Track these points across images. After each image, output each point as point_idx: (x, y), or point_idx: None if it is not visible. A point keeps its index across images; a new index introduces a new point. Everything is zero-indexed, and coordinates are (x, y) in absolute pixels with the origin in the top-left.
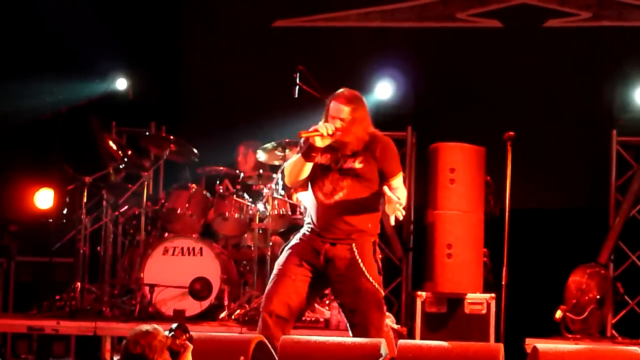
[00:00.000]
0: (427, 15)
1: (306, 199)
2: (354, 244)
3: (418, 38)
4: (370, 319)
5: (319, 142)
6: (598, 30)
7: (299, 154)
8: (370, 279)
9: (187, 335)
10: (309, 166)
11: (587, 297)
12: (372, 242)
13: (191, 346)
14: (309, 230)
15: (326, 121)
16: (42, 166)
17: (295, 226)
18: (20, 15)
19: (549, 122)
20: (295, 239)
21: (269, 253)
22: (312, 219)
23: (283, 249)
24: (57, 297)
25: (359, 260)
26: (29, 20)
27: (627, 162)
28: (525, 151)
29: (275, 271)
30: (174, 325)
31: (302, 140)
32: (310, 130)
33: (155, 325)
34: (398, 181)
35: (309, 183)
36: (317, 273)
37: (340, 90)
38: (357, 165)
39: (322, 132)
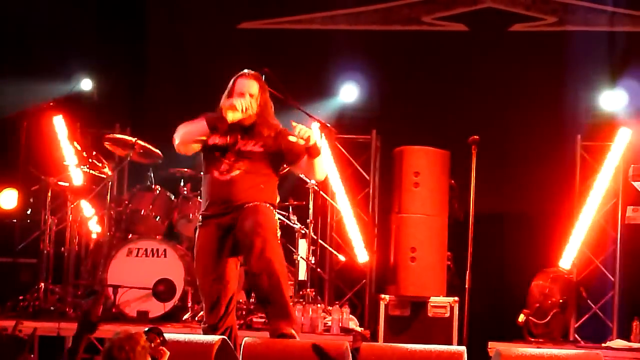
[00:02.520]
0: (392, 19)
1: None
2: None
3: (383, 41)
4: None
5: (230, 116)
6: (564, 34)
7: (204, 121)
8: None
9: (161, 338)
10: (205, 135)
11: (550, 301)
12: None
13: (168, 353)
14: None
15: (231, 97)
16: (5, 166)
17: None
18: None
19: (514, 126)
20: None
21: None
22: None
23: None
24: (21, 298)
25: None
26: None
27: (590, 165)
28: (490, 155)
29: None
30: (147, 329)
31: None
32: (227, 105)
33: (136, 330)
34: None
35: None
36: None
37: (245, 70)
38: (257, 149)
39: (237, 107)
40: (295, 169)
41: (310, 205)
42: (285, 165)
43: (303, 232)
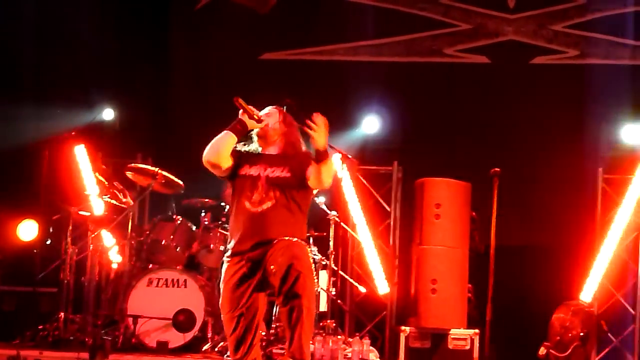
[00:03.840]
0: (415, 50)
1: None
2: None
3: (406, 73)
4: None
5: (248, 122)
6: (585, 67)
7: (228, 130)
8: None
9: None
10: (232, 141)
11: (570, 334)
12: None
13: None
14: None
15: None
16: (26, 196)
17: None
18: (3, 41)
19: (535, 158)
20: None
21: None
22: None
23: None
24: (41, 327)
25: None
26: (12, 46)
27: (612, 197)
28: (511, 187)
29: None
30: None
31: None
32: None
33: None
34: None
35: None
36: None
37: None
38: (285, 174)
39: (253, 112)
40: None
41: (331, 237)
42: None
43: (324, 263)
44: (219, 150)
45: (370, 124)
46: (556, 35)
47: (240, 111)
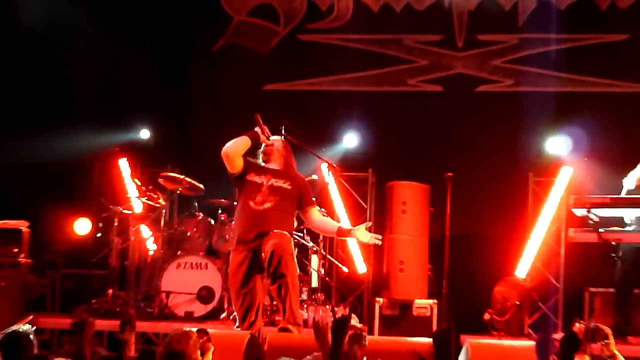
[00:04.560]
0: (385, 82)
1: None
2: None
3: (378, 99)
4: None
5: (260, 135)
6: (518, 94)
7: (246, 136)
8: None
9: (207, 337)
10: (247, 144)
11: (509, 303)
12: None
13: (212, 347)
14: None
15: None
16: (81, 198)
17: None
18: (67, 76)
19: (480, 165)
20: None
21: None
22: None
23: None
24: (94, 301)
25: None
26: (73, 80)
27: (540, 196)
28: (461, 188)
29: None
30: (197, 329)
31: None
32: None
33: (191, 329)
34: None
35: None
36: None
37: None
38: (286, 186)
39: (265, 130)
40: (302, 215)
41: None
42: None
43: (315, 249)
44: (236, 147)
45: (350, 140)
46: (495, 68)
47: (257, 127)
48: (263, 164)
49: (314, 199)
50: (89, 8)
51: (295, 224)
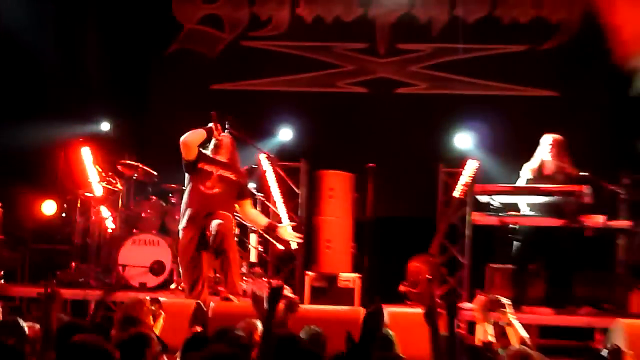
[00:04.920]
0: (316, 83)
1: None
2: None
3: (310, 98)
4: None
5: (214, 130)
6: (432, 95)
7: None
8: None
9: (159, 305)
10: (202, 136)
11: (421, 277)
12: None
13: (163, 313)
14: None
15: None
16: (48, 183)
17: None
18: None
19: (398, 157)
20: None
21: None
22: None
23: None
24: (58, 273)
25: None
26: (41, 76)
27: (449, 185)
28: (382, 177)
29: None
30: (149, 297)
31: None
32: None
33: (145, 297)
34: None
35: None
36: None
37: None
38: (232, 177)
39: (218, 126)
40: (237, 205)
41: (259, 211)
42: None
43: (254, 228)
44: (194, 138)
45: (285, 134)
46: (413, 73)
47: (212, 123)
48: (211, 155)
49: (254, 191)
50: (56, 4)
51: (237, 207)
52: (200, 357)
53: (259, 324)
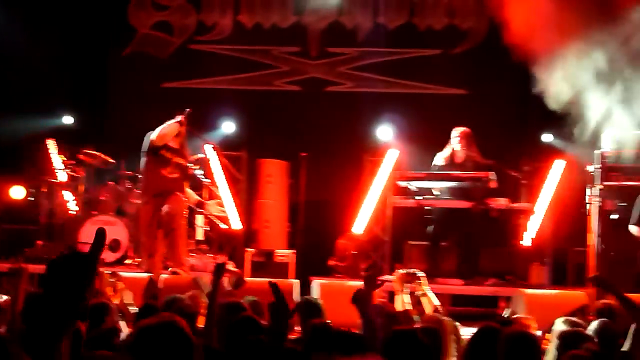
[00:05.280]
0: (256, 82)
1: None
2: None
3: (251, 95)
4: None
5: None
6: (357, 93)
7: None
8: None
9: (118, 277)
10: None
11: (348, 253)
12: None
13: (122, 285)
14: None
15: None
16: (17, 171)
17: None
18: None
19: (328, 147)
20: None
21: None
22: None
23: None
24: (26, 250)
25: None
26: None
27: (373, 172)
28: (314, 163)
29: None
30: (109, 271)
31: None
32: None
33: (105, 271)
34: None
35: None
36: None
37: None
38: (185, 162)
39: (183, 122)
40: None
41: (204, 194)
42: None
43: (200, 210)
44: (170, 130)
45: (228, 127)
46: (341, 73)
47: (180, 117)
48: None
49: (201, 177)
50: (21, 4)
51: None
52: (149, 323)
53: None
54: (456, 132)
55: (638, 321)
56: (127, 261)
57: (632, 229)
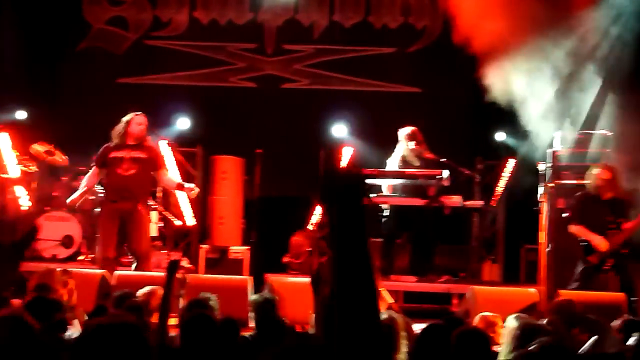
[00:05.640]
0: (211, 79)
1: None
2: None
3: (206, 92)
4: None
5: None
6: (312, 90)
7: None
8: None
9: (69, 274)
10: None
11: (303, 249)
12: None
13: (73, 281)
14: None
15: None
16: None
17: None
18: None
19: (284, 144)
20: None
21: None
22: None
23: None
24: None
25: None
26: None
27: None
28: (269, 160)
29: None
30: (59, 269)
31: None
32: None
33: (57, 268)
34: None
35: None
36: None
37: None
38: (143, 155)
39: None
40: (155, 175)
41: (160, 191)
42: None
43: (155, 207)
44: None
45: (183, 123)
46: (296, 71)
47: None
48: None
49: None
50: None
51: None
52: (100, 322)
53: (159, 291)
54: (406, 131)
55: None
56: (80, 257)
57: (572, 228)
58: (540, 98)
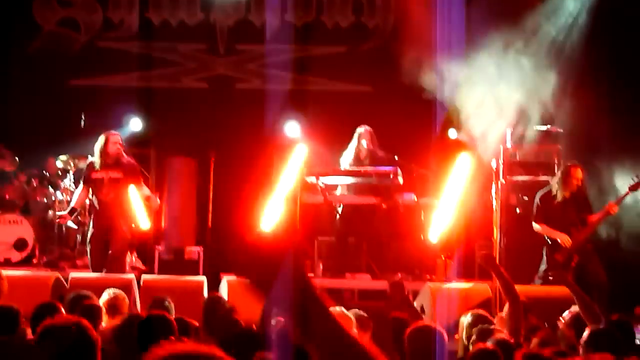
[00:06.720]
0: (164, 79)
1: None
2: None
3: (158, 92)
4: None
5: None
6: (266, 90)
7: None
8: None
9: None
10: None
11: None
12: None
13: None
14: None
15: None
16: None
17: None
18: None
19: (237, 144)
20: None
21: (64, 224)
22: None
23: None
24: None
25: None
26: None
27: (282, 167)
28: (223, 160)
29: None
30: None
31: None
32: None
33: None
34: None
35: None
36: None
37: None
38: (119, 175)
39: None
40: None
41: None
42: None
43: None
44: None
45: (136, 124)
46: (249, 70)
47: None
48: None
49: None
50: None
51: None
52: (51, 324)
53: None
54: (361, 130)
55: (516, 305)
56: (34, 261)
57: (536, 227)
58: (491, 95)
